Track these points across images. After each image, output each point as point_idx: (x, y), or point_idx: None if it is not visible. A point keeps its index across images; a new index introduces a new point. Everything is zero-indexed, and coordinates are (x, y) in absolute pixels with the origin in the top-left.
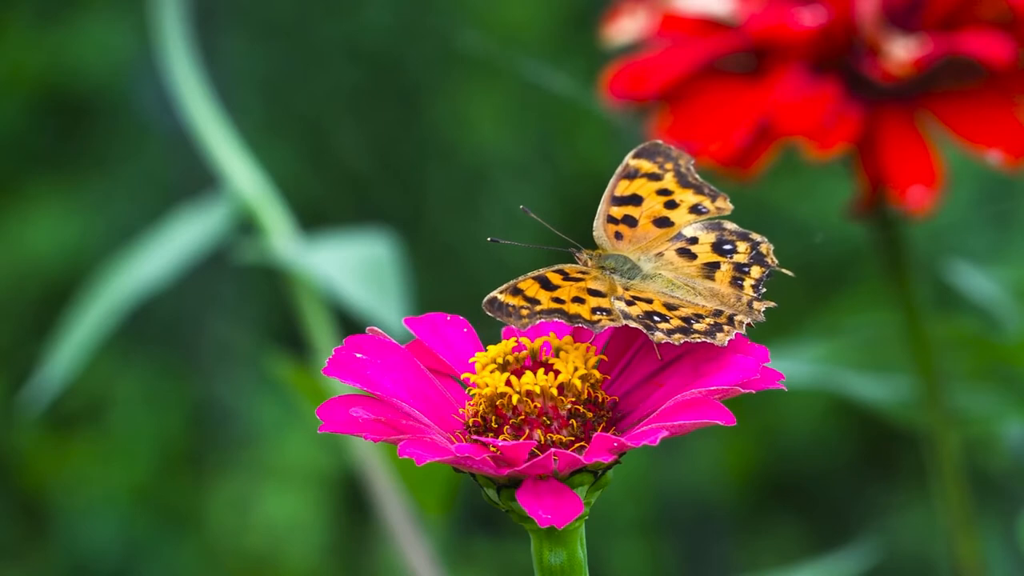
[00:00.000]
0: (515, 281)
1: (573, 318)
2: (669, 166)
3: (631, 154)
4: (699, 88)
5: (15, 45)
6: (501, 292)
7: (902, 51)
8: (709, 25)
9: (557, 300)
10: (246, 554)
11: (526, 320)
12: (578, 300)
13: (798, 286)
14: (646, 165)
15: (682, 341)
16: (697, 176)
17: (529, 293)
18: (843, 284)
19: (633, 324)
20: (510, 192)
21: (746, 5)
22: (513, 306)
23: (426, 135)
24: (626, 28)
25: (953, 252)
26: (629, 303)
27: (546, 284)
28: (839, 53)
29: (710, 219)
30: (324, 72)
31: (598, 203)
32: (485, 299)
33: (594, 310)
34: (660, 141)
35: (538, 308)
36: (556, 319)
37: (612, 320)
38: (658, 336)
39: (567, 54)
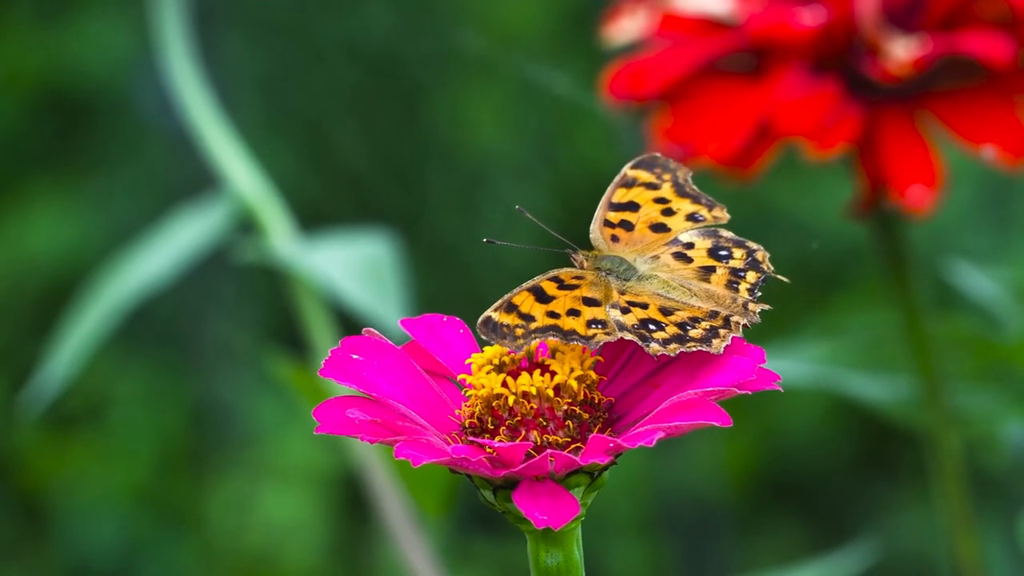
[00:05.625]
0: (510, 296)
1: (568, 335)
2: (667, 177)
3: (629, 165)
4: (699, 88)
5: (15, 45)
6: (495, 310)
7: (902, 51)
8: (709, 25)
9: (552, 315)
10: (246, 554)
11: (520, 341)
12: (573, 313)
13: (797, 286)
14: (644, 175)
15: (678, 351)
16: (694, 187)
17: (523, 308)
18: (843, 284)
19: (628, 336)
20: (510, 192)
21: (746, 5)
22: (507, 326)
23: (426, 135)
24: (626, 28)
25: (953, 252)
26: (624, 311)
27: (541, 296)
28: (839, 53)
29: (707, 227)
30: (324, 72)
31: (597, 203)
32: (480, 319)
33: (589, 323)
34: (658, 153)
35: (532, 326)
36: (551, 337)
37: (608, 334)
38: (654, 348)
39: (567, 54)
